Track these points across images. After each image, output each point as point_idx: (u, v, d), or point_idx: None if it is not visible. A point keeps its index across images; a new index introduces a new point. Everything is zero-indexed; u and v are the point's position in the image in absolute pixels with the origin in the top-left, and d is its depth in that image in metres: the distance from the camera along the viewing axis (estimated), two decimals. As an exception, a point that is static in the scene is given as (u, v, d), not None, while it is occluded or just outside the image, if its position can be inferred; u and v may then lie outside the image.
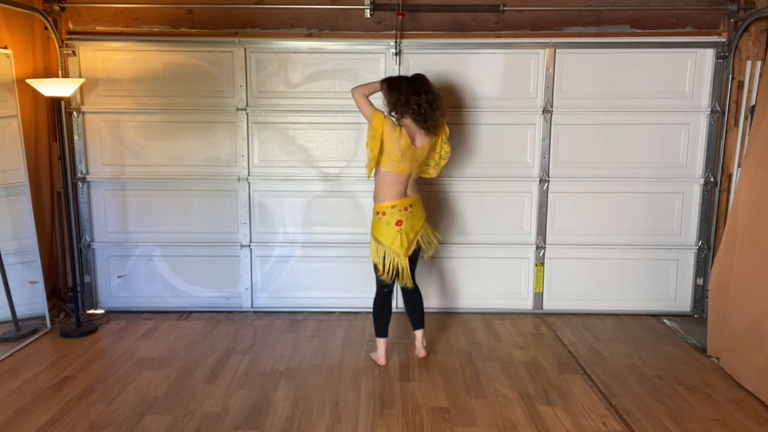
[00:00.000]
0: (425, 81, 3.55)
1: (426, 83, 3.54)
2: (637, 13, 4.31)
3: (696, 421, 3.07)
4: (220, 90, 4.40)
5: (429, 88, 3.53)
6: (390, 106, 3.54)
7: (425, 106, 3.46)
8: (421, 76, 3.58)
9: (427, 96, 3.49)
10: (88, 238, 4.55)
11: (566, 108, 4.41)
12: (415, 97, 3.46)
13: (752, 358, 3.35)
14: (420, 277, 3.72)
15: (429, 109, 3.48)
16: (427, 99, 3.48)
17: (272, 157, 4.49)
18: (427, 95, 3.49)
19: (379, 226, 3.56)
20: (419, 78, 3.57)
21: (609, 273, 4.59)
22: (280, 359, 3.79)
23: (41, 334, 4.12)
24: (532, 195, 4.52)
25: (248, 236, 4.56)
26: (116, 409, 3.16)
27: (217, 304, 4.63)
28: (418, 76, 3.58)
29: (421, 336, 3.78)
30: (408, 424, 3.03)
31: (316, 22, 4.32)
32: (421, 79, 3.56)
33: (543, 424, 3.04)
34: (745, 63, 4.18)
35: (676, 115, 4.41)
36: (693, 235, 4.56)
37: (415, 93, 3.48)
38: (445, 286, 4.62)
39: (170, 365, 3.69)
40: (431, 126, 3.52)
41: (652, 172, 4.47)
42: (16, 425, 2.99)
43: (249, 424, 3.03)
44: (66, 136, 4.29)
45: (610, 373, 3.62)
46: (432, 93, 3.52)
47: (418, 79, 3.56)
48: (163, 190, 4.52)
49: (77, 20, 4.34)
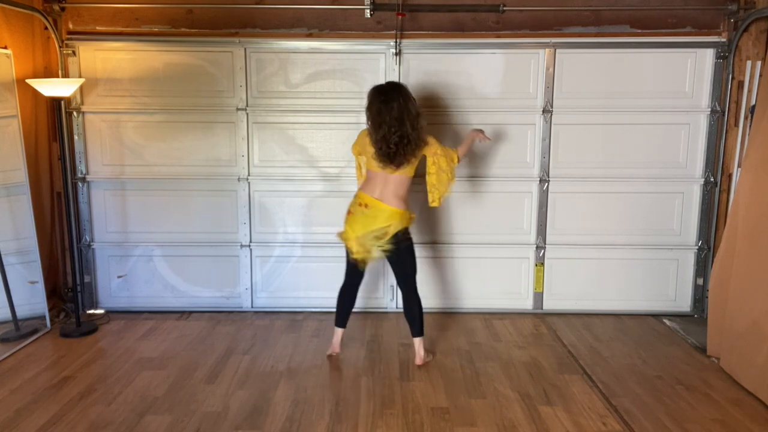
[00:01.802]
0: (393, 107, 3.33)
1: (393, 111, 3.32)
2: (637, 13, 4.31)
3: (696, 421, 3.07)
4: (220, 90, 4.40)
5: (398, 117, 3.32)
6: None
7: (386, 146, 3.34)
8: (391, 96, 3.36)
9: (392, 129, 3.31)
10: (88, 238, 4.55)
11: (566, 108, 4.41)
12: (379, 132, 3.34)
13: (752, 358, 3.35)
14: (419, 276, 3.71)
15: (393, 148, 3.34)
16: (394, 133, 3.32)
17: (272, 157, 4.49)
18: (395, 128, 3.31)
19: (349, 206, 3.65)
20: (389, 100, 3.35)
21: (609, 273, 4.59)
22: (280, 359, 3.79)
23: (41, 334, 4.12)
24: (532, 195, 4.52)
25: (248, 236, 4.56)
26: (116, 409, 3.15)
27: (217, 304, 4.63)
28: (388, 98, 3.36)
29: (418, 344, 3.68)
30: (408, 424, 3.03)
31: (316, 22, 4.32)
32: (390, 101, 3.34)
33: (543, 424, 3.04)
34: (745, 63, 4.18)
35: (676, 115, 4.42)
36: (693, 235, 4.56)
37: (379, 125, 3.34)
38: (445, 286, 4.62)
39: (170, 365, 3.69)
40: (399, 163, 3.41)
41: (652, 172, 4.48)
42: (16, 425, 2.99)
43: (249, 424, 3.03)
44: (66, 136, 4.29)
45: (610, 373, 3.62)
46: (401, 125, 3.31)
47: (388, 101, 3.35)
48: (163, 190, 4.52)
49: (77, 20, 4.34)
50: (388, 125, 3.34)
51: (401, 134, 3.35)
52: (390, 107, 3.36)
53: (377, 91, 3.47)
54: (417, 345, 3.69)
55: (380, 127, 3.37)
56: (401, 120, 3.35)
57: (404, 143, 3.36)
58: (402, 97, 3.39)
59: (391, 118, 3.34)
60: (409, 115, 3.37)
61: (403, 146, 3.36)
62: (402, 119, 3.35)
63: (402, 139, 3.35)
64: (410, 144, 3.38)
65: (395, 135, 3.34)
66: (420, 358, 3.68)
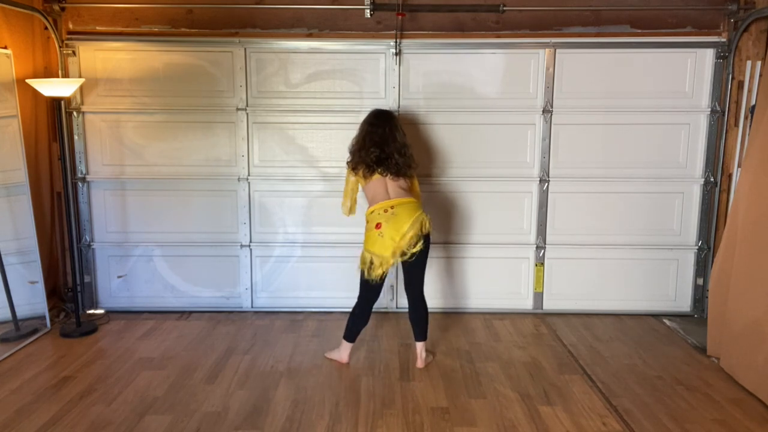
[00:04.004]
0: (377, 131, 3.53)
1: (376, 134, 3.52)
2: (637, 13, 4.31)
3: (696, 421, 3.07)
4: (220, 90, 4.40)
5: (379, 143, 3.50)
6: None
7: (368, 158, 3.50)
8: (380, 122, 3.57)
9: (372, 150, 3.49)
10: (88, 238, 4.55)
11: (566, 108, 4.41)
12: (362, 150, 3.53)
13: (752, 358, 3.35)
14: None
15: (373, 159, 3.49)
16: (373, 153, 3.48)
17: (272, 157, 4.49)
18: (379, 150, 3.48)
19: (366, 237, 3.54)
20: (376, 124, 3.56)
21: (609, 273, 4.59)
22: (280, 359, 3.79)
23: (41, 334, 4.12)
24: (532, 195, 4.52)
25: (248, 236, 4.56)
26: (116, 409, 3.15)
27: (217, 304, 4.63)
28: (378, 122, 3.57)
29: (421, 348, 3.68)
30: (408, 424, 3.03)
31: (316, 22, 4.32)
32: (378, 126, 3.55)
33: (543, 424, 3.04)
34: (745, 63, 4.18)
35: (676, 115, 4.41)
36: (693, 235, 4.56)
37: (363, 144, 3.53)
38: (445, 287, 4.62)
39: (170, 365, 3.69)
40: (395, 173, 3.52)
41: (652, 172, 4.47)
42: (16, 425, 2.99)
43: (249, 424, 3.03)
44: (66, 136, 4.29)
45: (610, 373, 3.62)
46: (389, 147, 3.49)
47: (376, 124, 3.56)
48: (163, 190, 4.52)
49: (77, 20, 4.34)
50: (369, 147, 3.50)
51: (384, 156, 3.48)
52: (374, 131, 3.53)
53: (366, 120, 3.63)
54: (420, 348, 3.68)
55: (361, 149, 3.53)
56: (386, 144, 3.50)
57: (389, 160, 3.47)
58: (389, 126, 3.55)
59: (371, 142, 3.51)
60: (395, 142, 3.51)
61: (388, 161, 3.47)
62: (386, 143, 3.50)
63: (388, 158, 3.48)
64: (396, 165, 3.49)
65: (375, 154, 3.48)
66: (422, 361, 3.68)
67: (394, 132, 3.53)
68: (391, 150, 3.49)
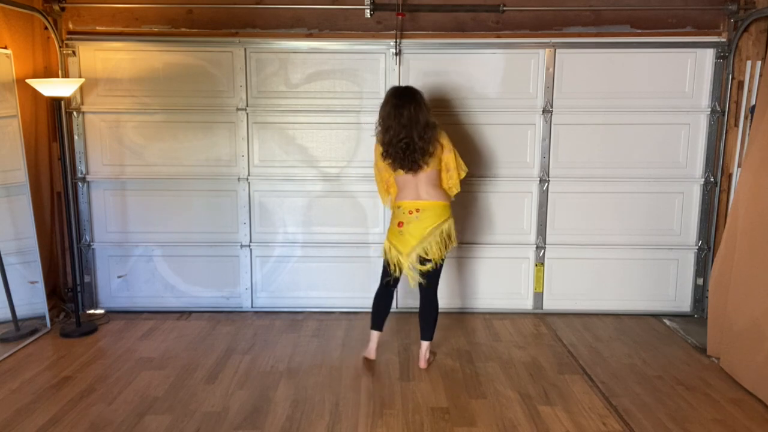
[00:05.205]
0: (403, 113, 3.36)
1: (402, 117, 3.36)
2: (637, 13, 4.31)
3: (696, 421, 3.07)
4: (220, 90, 4.40)
5: (406, 125, 3.35)
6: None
7: (394, 151, 3.39)
8: (404, 101, 3.39)
9: (400, 135, 3.36)
10: (88, 238, 4.55)
11: (566, 108, 4.41)
12: (386, 135, 3.39)
13: (752, 358, 3.35)
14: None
15: (400, 153, 3.39)
16: (401, 140, 3.36)
17: (272, 157, 4.49)
18: (402, 135, 3.35)
19: (390, 228, 3.61)
20: (401, 105, 3.38)
21: (609, 273, 4.59)
22: (280, 359, 3.79)
23: (41, 334, 4.12)
24: (532, 195, 4.52)
25: (248, 236, 4.56)
26: (116, 409, 3.15)
27: (217, 304, 4.63)
28: (401, 102, 3.39)
29: (425, 348, 3.68)
30: (408, 424, 3.03)
31: (316, 22, 4.32)
32: (401, 106, 3.38)
33: (543, 424, 3.04)
34: (745, 63, 4.18)
35: (676, 115, 4.41)
36: (693, 235, 4.56)
37: (387, 128, 3.39)
38: (445, 287, 4.61)
39: (170, 365, 3.69)
40: (416, 169, 3.44)
41: (652, 172, 4.47)
42: (16, 425, 2.99)
43: (249, 424, 3.03)
44: (66, 136, 4.30)
45: (610, 373, 3.62)
46: (408, 133, 3.35)
47: (400, 105, 3.38)
48: (163, 190, 4.52)
49: (77, 20, 4.34)
50: (395, 130, 3.39)
51: (407, 141, 3.38)
52: (400, 113, 3.40)
53: (393, 93, 3.50)
54: (424, 348, 3.68)
55: (387, 131, 3.42)
56: (408, 128, 3.38)
57: (411, 150, 3.39)
58: (414, 105, 3.41)
59: (398, 125, 3.39)
60: (417, 125, 3.39)
61: (410, 152, 3.40)
62: (409, 127, 3.38)
63: (408, 146, 3.39)
64: (416, 152, 3.40)
65: (402, 141, 3.39)
66: (424, 361, 3.67)
67: (418, 114, 3.40)
68: (412, 135, 3.36)
